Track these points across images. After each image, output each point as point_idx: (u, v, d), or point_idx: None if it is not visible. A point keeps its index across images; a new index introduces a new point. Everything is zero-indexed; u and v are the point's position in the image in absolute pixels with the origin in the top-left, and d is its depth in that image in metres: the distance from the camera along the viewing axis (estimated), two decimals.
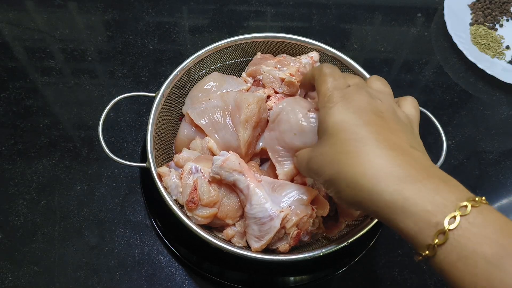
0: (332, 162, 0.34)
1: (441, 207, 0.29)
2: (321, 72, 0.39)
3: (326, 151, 0.35)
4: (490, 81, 0.72)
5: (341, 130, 0.34)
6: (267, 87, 0.55)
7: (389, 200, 0.31)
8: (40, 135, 0.63)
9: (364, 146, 0.33)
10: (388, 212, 0.31)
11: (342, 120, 0.34)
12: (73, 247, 0.55)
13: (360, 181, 0.32)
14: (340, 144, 0.34)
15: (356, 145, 0.33)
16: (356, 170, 0.32)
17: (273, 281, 0.55)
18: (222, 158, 0.46)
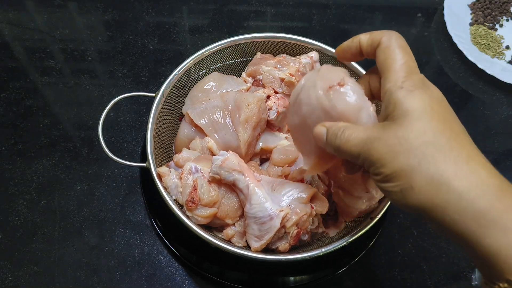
0: (413, 152, 0.29)
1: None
2: (397, 43, 0.34)
3: (406, 137, 0.29)
4: (490, 81, 0.72)
5: (433, 119, 0.29)
6: (267, 87, 0.55)
7: (481, 209, 0.27)
8: (40, 135, 0.63)
9: (461, 143, 0.29)
10: (474, 223, 0.27)
11: (432, 108, 0.30)
12: (73, 247, 0.55)
13: (448, 181, 0.28)
14: (432, 134, 0.29)
15: (452, 140, 0.29)
16: (447, 168, 0.28)
17: (273, 281, 0.55)
18: (221, 158, 0.46)
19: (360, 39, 0.38)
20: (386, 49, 0.35)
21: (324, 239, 0.51)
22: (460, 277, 0.55)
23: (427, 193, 0.28)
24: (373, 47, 0.36)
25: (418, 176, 0.28)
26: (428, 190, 0.28)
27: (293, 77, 0.54)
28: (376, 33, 0.36)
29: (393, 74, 0.32)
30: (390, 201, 0.30)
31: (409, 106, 0.30)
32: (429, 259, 0.56)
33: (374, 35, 0.36)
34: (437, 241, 0.57)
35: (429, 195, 0.28)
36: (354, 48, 0.39)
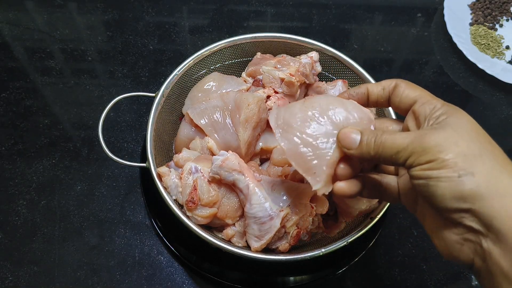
0: (474, 143, 0.31)
1: None
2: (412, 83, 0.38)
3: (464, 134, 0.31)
4: (490, 81, 0.72)
5: (481, 131, 0.33)
6: (267, 87, 0.55)
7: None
8: (40, 135, 0.63)
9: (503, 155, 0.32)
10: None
11: (476, 123, 0.33)
12: (73, 247, 0.55)
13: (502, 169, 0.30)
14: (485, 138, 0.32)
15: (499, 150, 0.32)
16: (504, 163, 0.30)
17: (273, 281, 0.55)
18: (221, 158, 0.46)
19: (369, 87, 0.40)
20: (411, 85, 0.38)
21: (324, 239, 0.51)
22: (460, 277, 0.55)
23: (486, 182, 0.29)
24: (387, 92, 0.39)
25: (480, 164, 0.30)
26: (489, 179, 0.29)
27: (293, 77, 0.54)
28: (386, 81, 0.40)
29: (431, 98, 0.36)
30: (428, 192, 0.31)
31: (462, 117, 0.33)
32: (429, 259, 0.56)
33: (384, 82, 0.40)
34: None
35: (488, 183, 0.29)
36: (361, 95, 0.41)
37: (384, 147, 0.34)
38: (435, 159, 0.31)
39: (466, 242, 0.31)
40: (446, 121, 0.33)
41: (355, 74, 0.58)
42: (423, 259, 0.56)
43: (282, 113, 0.40)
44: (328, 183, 0.38)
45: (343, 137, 0.36)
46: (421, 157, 0.32)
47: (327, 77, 0.61)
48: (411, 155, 0.32)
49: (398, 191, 0.39)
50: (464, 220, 0.30)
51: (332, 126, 0.38)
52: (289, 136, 0.38)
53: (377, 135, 0.35)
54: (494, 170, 0.29)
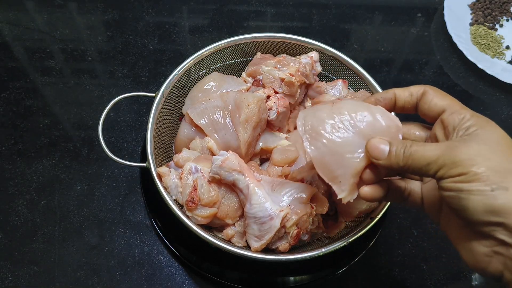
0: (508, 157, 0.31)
1: None
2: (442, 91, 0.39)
3: (495, 147, 0.32)
4: (490, 81, 0.72)
5: (510, 139, 0.33)
6: (267, 87, 0.55)
7: None
8: (40, 135, 0.63)
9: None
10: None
11: (506, 135, 0.34)
12: (73, 247, 0.55)
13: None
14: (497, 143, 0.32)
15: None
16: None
17: (273, 281, 0.55)
18: (221, 158, 0.46)
19: (396, 92, 0.40)
20: (440, 94, 0.39)
21: (324, 239, 0.51)
22: (460, 277, 0.55)
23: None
24: (415, 98, 0.39)
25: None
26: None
27: (293, 77, 0.54)
28: (415, 87, 0.40)
29: (460, 108, 0.36)
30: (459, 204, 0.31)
31: (492, 129, 0.33)
32: (429, 259, 0.56)
33: (413, 88, 0.40)
34: (437, 241, 0.57)
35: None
36: (389, 100, 0.40)
37: (414, 159, 0.34)
38: (467, 172, 0.31)
39: (495, 255, 0.31)
40: (477, 133, 0.33)
41: (355, 74, 0.58)
42: (423, 259, 0.56)
43: (310, 118, 0.39)
44: (352, 191, 0.38)
45: (372, 147, 0.36)
46: (452, 169, 0.32)
47: (327, 77, 0.61)
48: (442, 168, 0.32)
49: (422, 198, 0.39)
50: (495, 233, 0.30)
51: (360, 135, 0.38)
52: (317, 144, 0.38)
53: (406, 146, 0.35)
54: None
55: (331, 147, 0.38)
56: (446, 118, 0.36)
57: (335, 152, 0.38)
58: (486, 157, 0.31)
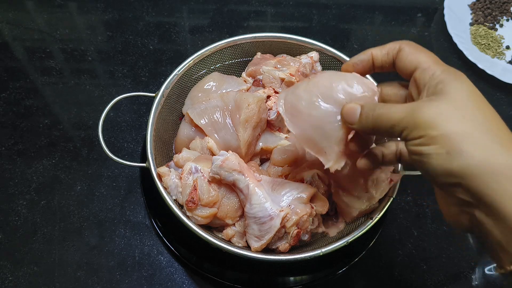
0: (468, 118, 0.30)
1: None
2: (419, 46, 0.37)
3: (462, 105, 0.31)
4: (490, 81, 0.72)
5: (482, 99, 0.33)
6: (267, 87, 0.55)
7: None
8: (40, 135, 0.63)
9: (501, 123, 0.31)
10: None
11: (475, 90, 0.33)
12: (73, 247, 0.55)
13: (501, 150, 0.29)
14: (480, 109, 0.31)
15: (499, 120, 0.31)
16: (497, 139, 0.29)
17: (273, 281, 0.55)
18: (221, 158, 0.46)
19: (373, 52, 0.39)
20: (414, 50, 0.37)
21: (324, 239, 0.51)
22: (460, 277, 0.55)
23: (477, 158, 0.29)
24: (391, 56, 0.38)
25: (470, 140, 0.29)
26: (478, 155, 0.29)
27: (293, 77, 0.54)
28: (391, 44, 0.39)
29: (433, 63, 0.35)
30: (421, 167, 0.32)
31: (459, 85, 0.33)
32: (429, 259, 0.56)
33: (389, 45, 0.39)
34: (437, 241, 0.57)
35: (478, 160, 0.29)
36: (366, 61, 0.40)
37: (381, 121, 0.34)
38: (425, 134, 0.31)
39: (463, 212, 0.32)
40: (443, 91, 0.32)
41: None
42: (423, 259, 0.56)
43: (289, 98, 0.41)
44: (338, 159, 0.39)
45: (345, 113, 0.37)
46: (413, 132, 0.32)
47: None
48: (404, 130, 0.32)
49: (398, 156, 0.41)
50: (456, 193, 0.31)
51: (337, 104, 0.38)
52: (298, 121, 0.39)
53: (375, 108, 0.35)
54: (488, 148, 0.29)
55: (312, 121, 0.39)
56: (418, 75, 0.35)
57: (316, 125, 0.39)
58: (446, 118, 0.31)
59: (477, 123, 0.30)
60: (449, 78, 0.33)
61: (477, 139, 0.29)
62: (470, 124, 0.30)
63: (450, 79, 0.33)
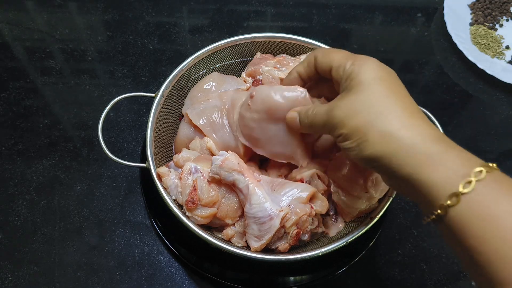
0: (368, 111, 0.34)
1: (467, 166, 0.31)
2: (329, 49, 0.40)
3: (362, 100, 0.35)
4: (490, 81, 0.71)
5: (383, 85, 0.35)
6: None
7: (421, 152, 0.32)
8: (40, 135, 0.63)
9: (405, 103, 0.35)
10: (416, 164, 0.32)
11: (381, 77, 0.36)
12: (73, 247, 0.55)
13: (396, 132, 0.33)
14: (382, 97, 0.35)
15: (399, 101, 0.35)
16: (395, 122, 0.33)
17: (273, 281, 0.55)
18: (221, 158, 0.46)
19: (297, 70, 0.44)
20: (325, 54, 0.40)
21: (324, 239, 0.51)
22: (460, 277, 0.55)
23: (380, 144, 0.34)
24: (312, 67, 0.42)
25: (372, 131, 0.34)
26: (380, 142, 0.34)
27: None
28: (308, 55, 0.43)
29: (343, 59, 0.38)
30: (347, 157, 0.39)
31: (362, 76, 0.36)
32: (429, 259, 0.56)
33: (307, 58, 0.43)
34: (437, 241, 0.57)
35: (381, 145, 0.34)
36: (295, 79, 0.44)
37: (314, 123, 0.40)
38: (340, 133, 0.36)
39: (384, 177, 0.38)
40: (352, 85, 0.37)
41: None
42: (423, 259, 0.56)
43: (244, 130, 0.48)
44: (306, 157, 0.47)
45: (289, 122, 0.43)
46: (334, 131, 0.37)
47: None
48: (329, 130, 0.38)
49: None
50: (377, 171, 0.37)
51: (281, 119, 0.44)
52: (260, 145, 0.47)
53: (307, 111, 0.40)
54: (387, 134, 0.33)
55: (270, 141, 0.46)
56: (333, 74, 0.39)
57: (275, 142, 0.46)
58: (354, 114, 0.35)
59: (382, 109, 0.34)
60: (356, 70, 0.37)
61: (378, 127, 0.34)
62: (373, 114, 0.34)
63: (357, 71, 0.37)
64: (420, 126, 0.34)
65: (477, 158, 0.32)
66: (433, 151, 0.32)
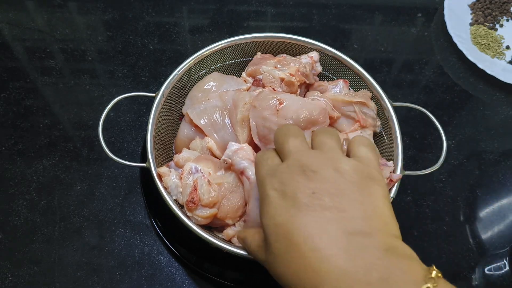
0: (288, 275, 0.31)
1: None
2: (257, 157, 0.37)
3: (271, 260, 0.32)
4: (490, 81, 0.72)
5: (277, 239, 0.31)
6: (267, 87, 0.55)
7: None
8: (40, 135, 0.63)
9: (315, 252, 0.29)
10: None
11: (275, 226, 0.31)
12: (73, 247, 0.55)
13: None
14: (281, 254, 0.31)
15: (308, 255, 0.29)
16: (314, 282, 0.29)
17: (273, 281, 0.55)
18: (237, 147, 0.46)
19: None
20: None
21: None
22: (460, 277, 0.55)
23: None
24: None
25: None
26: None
27: (293, 77, 0.54)
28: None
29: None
30: None
31: (269, 229, 0.33)
32: (429, 259, 0.56)
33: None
34: (437, 241, 0.57)
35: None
36: None
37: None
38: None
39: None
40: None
41: (355, 74, 0.58)
42: (423, 260, 0.56)
43: (261, 130, 0.48)
44: None
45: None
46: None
47: (327, 77, 0.61)
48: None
49: None
50: None
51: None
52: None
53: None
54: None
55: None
56: None
57: None
58: None
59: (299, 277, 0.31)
60: (264, 222, 0.35)
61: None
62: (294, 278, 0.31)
63: (265, 225, 0.34)
64: (341, 273, 0.28)
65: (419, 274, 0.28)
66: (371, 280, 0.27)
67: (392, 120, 0.54)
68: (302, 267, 0.29)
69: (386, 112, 0.55)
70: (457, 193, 0.62)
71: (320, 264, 0.28)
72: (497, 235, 0.59)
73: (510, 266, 0.56)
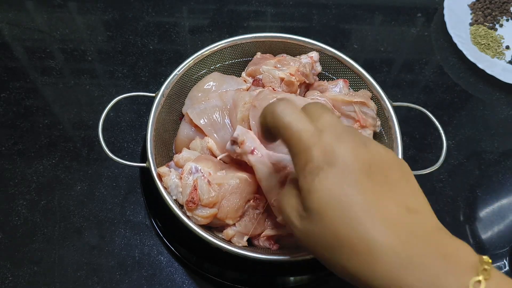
0: (325, 247, 0.29)
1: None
2: (281, 122, 0.31)
3: (316, 232, 0.29)
4: (490, 81, 0.72)
5: (331, 209, 0.28)
6: (267, 86, 0.55)
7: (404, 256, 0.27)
8: (40, 135, 0.63)
9: (359, 228, 0.28)
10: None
11: (330, 197, 0.29)
12: (73, 247, 0.55)
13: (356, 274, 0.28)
14: (331, 227, 0.28)
15: (350, 228, 0.28)
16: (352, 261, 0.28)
17: (273, 281, 0.55)
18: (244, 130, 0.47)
19: None
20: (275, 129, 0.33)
21: None
22: None
23: (347, 277, 0.30)
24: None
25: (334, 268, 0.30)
26: (346, 276, 0.30)
27: (293, 76, 0.54)
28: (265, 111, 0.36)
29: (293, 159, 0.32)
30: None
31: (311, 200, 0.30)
32: None
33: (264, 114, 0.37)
34: None
35: (349, 278, 0.30)
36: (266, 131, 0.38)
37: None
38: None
39: None
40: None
41: (355, 74, 0.58)
42: None
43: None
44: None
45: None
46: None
47: (327, 77, 0.61)
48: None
49: None
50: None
51: None
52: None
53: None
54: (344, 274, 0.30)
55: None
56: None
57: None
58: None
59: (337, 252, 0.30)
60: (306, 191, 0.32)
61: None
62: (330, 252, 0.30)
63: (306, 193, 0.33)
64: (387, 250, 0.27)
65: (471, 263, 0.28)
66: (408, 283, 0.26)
67: (392, 120, 0.54)
68: (354, 240, 0.28)
69: (386, 112, 0.55)
70: (457, 193, 0.62)
71: (374, 235, 0.27)
72: (497, 235, 0.59)
73: (510, 266, 0.56)
